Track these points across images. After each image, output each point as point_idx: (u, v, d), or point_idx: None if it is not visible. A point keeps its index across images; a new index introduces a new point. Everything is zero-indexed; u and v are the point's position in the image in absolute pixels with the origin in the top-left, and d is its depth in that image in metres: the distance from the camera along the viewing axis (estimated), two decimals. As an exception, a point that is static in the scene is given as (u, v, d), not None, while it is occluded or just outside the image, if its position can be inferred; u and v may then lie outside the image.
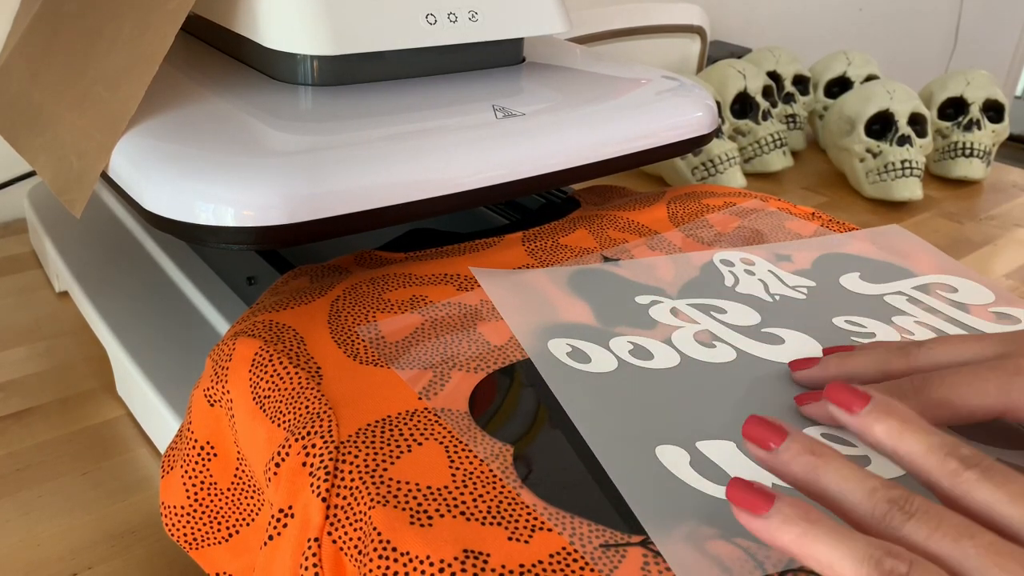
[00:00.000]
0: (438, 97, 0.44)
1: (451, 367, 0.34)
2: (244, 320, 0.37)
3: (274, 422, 0.32)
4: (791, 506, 0.23)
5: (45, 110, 0.42)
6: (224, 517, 0.35)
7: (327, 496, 0.28)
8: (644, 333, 0.37)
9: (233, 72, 0.46)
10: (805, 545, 0.22)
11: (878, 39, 1.57)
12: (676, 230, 0.48)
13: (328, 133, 0.39)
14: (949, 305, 0.41)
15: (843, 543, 0.22)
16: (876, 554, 0.22)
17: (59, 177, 0.39)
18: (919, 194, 0.82)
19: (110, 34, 0.41)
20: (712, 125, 0.49)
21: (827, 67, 1.00)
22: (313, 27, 0.41)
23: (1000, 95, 0.91)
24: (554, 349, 0.35)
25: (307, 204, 0.34)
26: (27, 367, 0.54)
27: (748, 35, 1.25)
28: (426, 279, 0.40)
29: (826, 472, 0.24)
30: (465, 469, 0.29)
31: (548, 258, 0.43)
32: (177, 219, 0.34)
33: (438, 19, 0.44)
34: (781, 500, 0.23)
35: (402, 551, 0.26)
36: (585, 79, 0.51)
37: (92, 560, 0.40)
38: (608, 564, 0.26)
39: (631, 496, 0.28)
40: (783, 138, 0.88)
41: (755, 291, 0.42)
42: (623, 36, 0.96)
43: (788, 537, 0.23)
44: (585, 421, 0.31)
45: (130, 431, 0.49)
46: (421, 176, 0.38)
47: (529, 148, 0.41)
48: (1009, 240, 0.79)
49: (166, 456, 0.37)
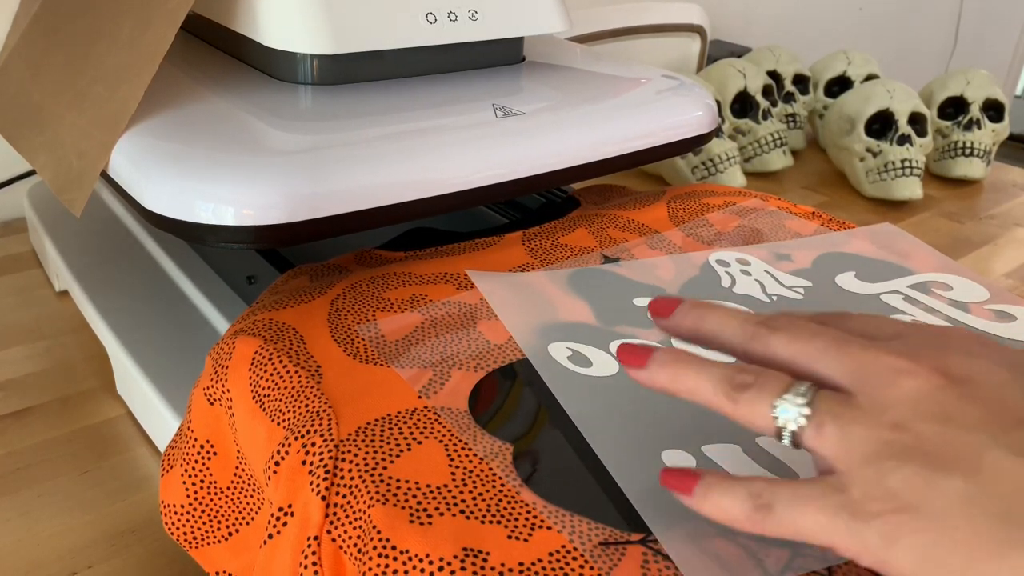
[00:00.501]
0: (438, 96, 0.44)
1: (451, 366, 0.34)
2: (244, 319, 0.37)
3: (274, 421, 0.32)
4: (664, 353, 0.27)
5: (45, 109, 0.42)
6: (224, 516, 0.35)
7: (327, 495, 0.28)
8: (644, 333, 0.37)
9: (233, 71, 0.46)
10: (677, 380, 0.26)
11: (878, 38, 1.57)
12: (676, 229, 0.48)
13: (328, 132, 0.39)
14: (946, 304, 0.41)
15: (704, 371, 0.26)
16: (728, 373, 0.25)
17: (59, 176, 0.39)
18: (919, 193, 0.82)
19: (110, 33, 0.41)
20: (712, 124, 0.49)
21: (827, 66, 1.00)
22: (313, 26, 0.41)
23: (1000, 94, 0.91)
24: (555, 353, 0.35)
25: (307, 203, 0.34)
26: (27, 366, 0.54)
27: (748, 34, 1.25)
28: (426, 278, 0.40)
29: (708, 318, 0.28)
30: (465, 468, 0.29)
31: (548, 257, 0.43)
32: (177, 218, 0.34)
33: (438, 18, 0.44)
34: (658, 350, 0.27)
35: (402, 549, 0.26)
36: (585, 78, 0.51)
37: (92, 559, 0.40)
38: (607, 562, 0.26)
39: (636, 497, 0.28)
40: (783, 137, 0.88)
41: (752, 291, 0.42)
42: (623, 35, 0.96)
43: (663, 378, 0.27)
44: (590, 427, 0.31)
45: (130, 430, 0.49)
46: (421, 175, 0.38)
47: (529, 147, 0.41)
48: (1009, 239, 0.79)
49: (166, 455, 0.37)
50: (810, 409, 0.24)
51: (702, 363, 0.26)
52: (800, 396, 0.24)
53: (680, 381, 0.26)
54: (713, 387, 0.25)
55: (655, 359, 0.27)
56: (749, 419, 0.25)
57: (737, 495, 0.24)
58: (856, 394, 0.24)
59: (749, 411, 0.25)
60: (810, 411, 0.24)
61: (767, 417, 0.24)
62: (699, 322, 0.28)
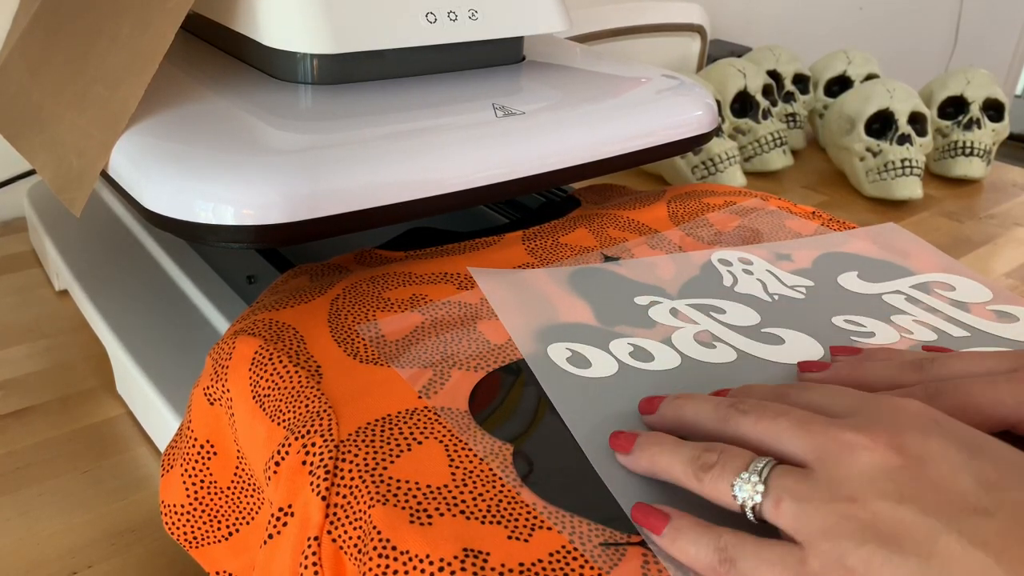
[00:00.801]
0: (438, 96, 0.44)
1: (451, 366, 0.34)
2: (244, 319, 0.37)
3: (274, 421, 0.32)
4: (646, 438, 0.29)
5: (45, 109, 0.42)
6: (224, 516, 0.35)
7: (327, 495, 0.28)
8: (644, 333, 0.37)
9: (233, 71, 0.46)
10: (655, 462, 0.28)
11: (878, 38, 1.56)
12: (676, 229, 0.48)
13: (328, 132, 0.39)
14: (948, 304, 0.41)
15: (677, 451, 0.28)
16: (695, 453, 0.27)
17: (59, 176, 0.39)
18: (919, 193, 0.82)
19: (110, 33, 0.41)
20: (712, 124, 0.49)
21: (827, 66, 1.00)
22: (313, 25, 0.41)
23: (1000, 94, 0.91)
24: (554, 354, 0.35)
25: (307, 203, 0.34)
26: (27, 366, 0.54)
27: (748, 34, 1.25)
28: (426, 278, 0.40)
29: (686, 408, 0.30)
30: (465, 468, 0.29)
31: (548, 257, 0.43)
32: (177, 217, 0.34)
33: (438, 17, 0.44)
34: (641, 436, 0.29)
35: (402, 550, 0.26)
36: (585, 78, 0.51)
37: (92, 559, 0.40)
38: (608, 563, 0.26)
39: (626, 503, 0.28)
40: (783, 137, 0.88)
41: (754, 291, 0.42)
42: (623, 35, 0.96)
43: (644, 461, 0.29)
44: (581, 428, 0.31)
45: (130, 430, 0.49)
46: (421, 175, 0.38)
47: (529, 147, 0.41)
48: (1009, 239, 0.79)
49: (166, 455, 0.37)
50: (764, 486, 0.25)
51: (675, 444, 0.28)
52: (756, 474, 0.26)
53: (656, 463, 0.28)
54: (683, 467, 0.27)
55: (638, 444, 0.29)
56: (714, 496, 0.26)
57: (703, 546, 0.25)
58: (815, 469, 0.25)
59: (713, 489, 0.26)
60: (764, 488, 0.25)
61: (728, 494, 0.26)
62: (679, 412, 0.31)
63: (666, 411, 0.31)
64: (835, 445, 0.25)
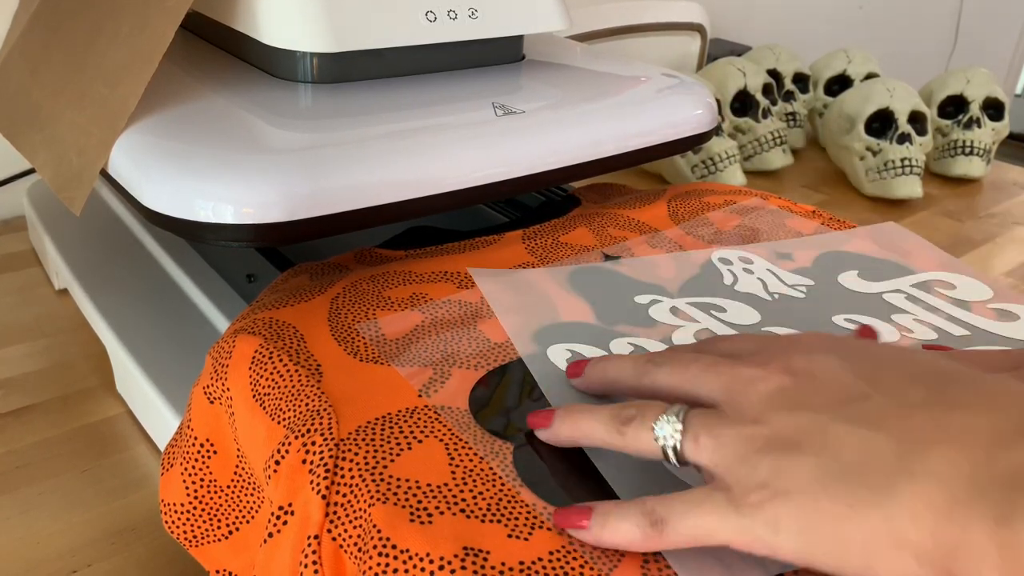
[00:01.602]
0: (438, 94, 0.44)
1: (451, 364, 0.34)
2: (244, 317, 0.37)
3: (274, 419, 0.32)
4: (563, 410, 0.30)
5: (44, 107, 0.42)
6: (224, 514, 0.35)
7: (327, 493, 0.28)
8: (645, 332, 0.37)
9: (233, 69, 0.46)
10: (576, 429, 0.29)
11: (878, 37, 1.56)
12: (677, 228, 0.48)
13: (328, 130, 0.39)
14: (949, 303, 0.41)
15: (596, 413, 0.29)
16: (614, 411, 0.28)
17: (59, 174, 0.39)
18: (919, 192, 0.82)
19: (109, 31, 0.41)
20: (712, 123, 0.49)
21: (827, 65, 1.00)
22: (313, 24, 0.41)
23: (1000, 93, 0.91)
24: (553, 356, 0.35)
25: (306, 201, 0.34)
26: (27, 364, 0.54)
27: (748, 33, 1.25)
28: (426, 277, 0.40)
29: (609, 368, 0.32)
30: (465, 467, 0.29)
31: (548, 256, 0.43)
32: (177, 216, 0.34)
33: (438, 16, 0.44)
34: (558, 409, 0.30)
35: (402, 548, 0.26)
36: (585, 77, 0.51)
37: (92, 557, 0.40)
38: (608, 563, 0.26)
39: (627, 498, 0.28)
40: (783, 136, 0.88)
41: (754, 290, 0.42)
42: (623, 34, 0.96)
43: (565, 430, 0.29)
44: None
45: (130, 429, 0.49)
46: (421, 174, 0.37)
47: (529, 146, 0.41)
48: (1009, 238, 0.79)
49: (166, 453, 0.37)
50: (682, 425, 0.27)
51: (593, 409, 0.29)
52: (673, 416, 0.27)
53: (578, 429, 0.29)
54: (604, 427, 0.28)
55: (556, 416, 0.30)
56: (636, 447, 0.28)
57: (631, 516, 0.26)
58: (723, 406, 0.27)
59: (635, 439, 0.28)
60: (682, 426, 0.27)
61: (650, 442, 0.27)
62: (603, 373, 0.32)
63: (591, 372, 0.32)
64: (738, 382, 0.27)
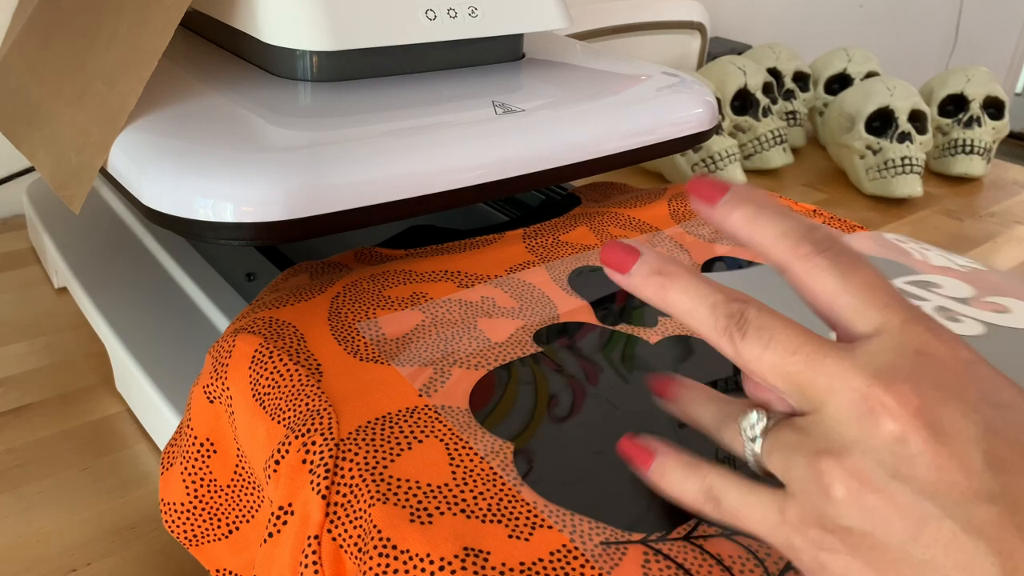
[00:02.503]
0: (438, 93, 0.44)
1: (451, 364, 0.34)
2: (244, 317, 0.37)
3: (274, 419, 0.32)
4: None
5: (44, 106, 0.42)
6: (224, 514, 0.35)
7: (327, 493, 0.28)
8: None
9: (232, 68, 0.46)
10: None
11: (878, 36, 1.56)
12: (677, 227, 0.47)
13: (327, 129, 0.39)
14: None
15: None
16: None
17: (58, 173, 0.39)
18: (919, 191, 0.82)
19: (109, 29, 0.41)
20: (712, 122, 0.49)
21: (827, 64, 1.00)
22: (312, 23, 0.41)
23: (1000, 92, 0.91)
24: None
25: (306, 200, 0.34)
26: (26, 363, 0.54)
27: (748, 31, 1.25)
28: (426, 276, 0.40)
29: (672, 291, 0.25)
30: (465, 466, 0.29)
31: (548, 255, 0.43)
32: (176, 215, 0.34)
33: (438, 15, 0.44)
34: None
35: (402, 549, 0.26)
36: (585, 75, 0.51)
37: (91, 556, 0.40)
38: (608, 562, 0.26)
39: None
40: (783, 135, 0.88)
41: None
42: (623, 32, 0.96)
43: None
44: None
45: (129, 427, 0.49)
46: (420, 172, 0.37)
47: (529, 144, 0.41)
48: (1009, 237, 0.79)
49: (166, 452, 0.37)
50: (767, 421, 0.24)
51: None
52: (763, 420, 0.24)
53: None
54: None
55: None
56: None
57: (690, 485, 0.25)
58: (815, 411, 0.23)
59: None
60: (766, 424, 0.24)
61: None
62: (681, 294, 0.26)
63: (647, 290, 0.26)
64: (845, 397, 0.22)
